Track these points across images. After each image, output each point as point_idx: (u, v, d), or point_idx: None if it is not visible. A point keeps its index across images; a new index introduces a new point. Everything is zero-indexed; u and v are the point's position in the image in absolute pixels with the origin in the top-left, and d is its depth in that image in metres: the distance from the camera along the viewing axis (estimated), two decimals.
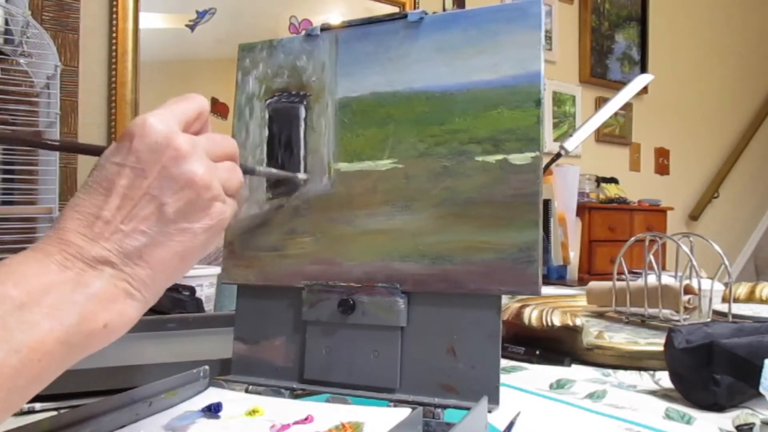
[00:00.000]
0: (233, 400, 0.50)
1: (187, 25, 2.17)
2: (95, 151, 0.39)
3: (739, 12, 4.48)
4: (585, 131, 1.07)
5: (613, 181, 3.53)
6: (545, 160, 0.67)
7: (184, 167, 0.35)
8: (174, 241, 0.36)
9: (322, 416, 0.46)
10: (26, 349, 0.30)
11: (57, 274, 0.32)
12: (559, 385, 0.64)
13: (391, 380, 0.52)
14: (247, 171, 0.47)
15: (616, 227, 3.24)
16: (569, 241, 1.65)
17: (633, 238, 0.94)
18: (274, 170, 0.57)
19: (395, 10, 2.61)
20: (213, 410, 0.47)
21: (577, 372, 0.69)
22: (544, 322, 0.74)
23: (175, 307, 0.99)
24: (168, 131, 0.36)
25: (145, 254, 0.35)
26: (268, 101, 0.60)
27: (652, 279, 0.91)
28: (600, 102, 3.48)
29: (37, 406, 0.54)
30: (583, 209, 3.04)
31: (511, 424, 0.49)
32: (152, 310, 0.96)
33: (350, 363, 0.53)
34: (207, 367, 0.54)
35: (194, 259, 0.38)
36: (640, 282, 0.92)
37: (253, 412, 0.47)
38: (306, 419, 0.46)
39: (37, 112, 1.56)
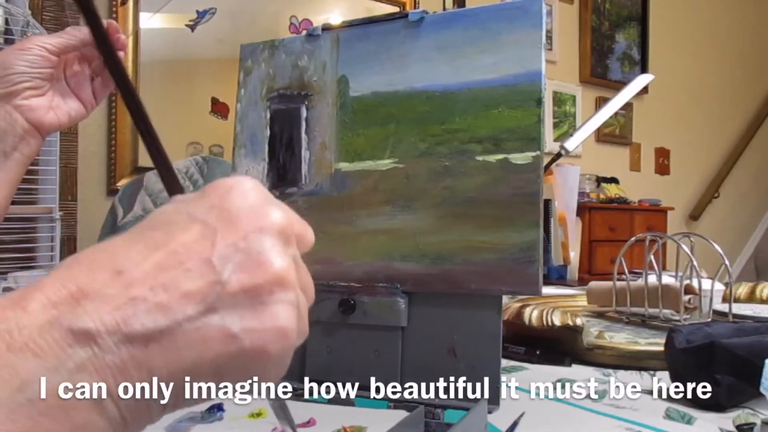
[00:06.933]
0: (236, 401, 0.50)
1: (187, 25, 2.17)
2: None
3: (740, 12, 4.47)
4: (585, 131, 1.07)
5: (613, 181, 3.53)
6: (546, 160, 0.67)
7: (266, 243, 0.25)
8: (194, 339, 0.24)
9: (324, 419, 0.46)
10: None
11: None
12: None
13: (392, 380, 0.52)
14: None
15: (617, 227, 3.23)
16: (569, 241, 1.65)
17: (633, 238, 0.94)
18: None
19: (396, 9, 2.61)
20: (216, 411, 0.47)
21: (577, 372, 0.69)
22: (545, 322, 0.74)
23: None
24: (267, 201, 0.26)
25: (152, 343, 0.23)
26: (269, 101, 0.60)
27: (652, 279, 0.91)
28: (600, 102, 3.47)
29: None
30: (583, 209, 3.03)
31: (514, 424, 0.49)
32: None
33: (351, 362, 0.53)
34: None
35: (198, 387, 0.25)
36: (640, 282, 0.92)
37: (256, 415, 0.47)
38: (308, 422, 0.46)
39: None
